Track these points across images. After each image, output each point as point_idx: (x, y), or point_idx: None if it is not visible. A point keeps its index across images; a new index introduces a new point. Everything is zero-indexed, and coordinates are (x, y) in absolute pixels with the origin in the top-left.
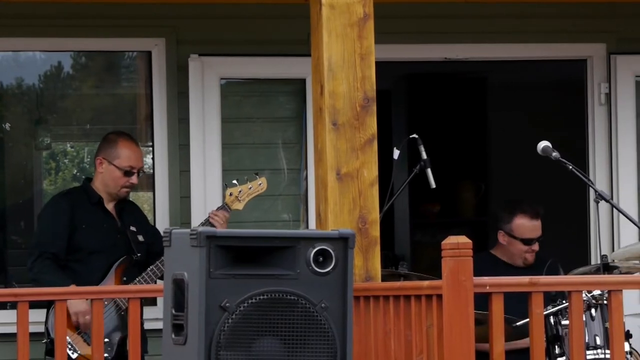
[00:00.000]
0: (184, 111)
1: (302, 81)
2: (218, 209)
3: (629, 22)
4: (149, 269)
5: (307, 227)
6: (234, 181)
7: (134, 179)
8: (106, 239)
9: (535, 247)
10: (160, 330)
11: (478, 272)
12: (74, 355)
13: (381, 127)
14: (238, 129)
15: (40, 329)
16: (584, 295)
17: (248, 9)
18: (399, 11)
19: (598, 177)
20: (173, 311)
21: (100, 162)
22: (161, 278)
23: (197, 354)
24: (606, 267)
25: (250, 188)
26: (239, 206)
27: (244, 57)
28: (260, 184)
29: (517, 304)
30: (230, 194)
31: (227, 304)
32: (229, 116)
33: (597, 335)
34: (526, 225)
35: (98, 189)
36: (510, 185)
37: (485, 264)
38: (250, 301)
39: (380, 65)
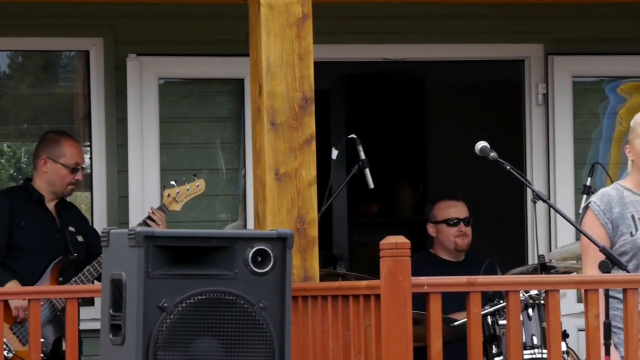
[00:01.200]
0: (122, 111)
1: (241, 81)
2: (157, 209)
3: (566, 22)
4: (85, 269)
5: (245, 226)
6: (172, 182)
7: (79, 176)
8: (45, 238)
9: (463, 227)
10: (97, 331)
11: (418, 271)
12: (9, 355)
13: (319, 127)
14: (176, 129)
15: None
16: (521, 295)
17: (186, 9)
18: (337, 11)
19: (535, 177)
20: (111, 311)
21: (44, 161)
22: (98, 279)
23: (134, 354)
24: (543, 267)
25: (188, 189)
26: (177, 207)
27: (182, 57)
28: (198, 185)
29: (455, 303)
30: (168, 195)
31: (165, 304)
32: (167, 116)
33: (534, 335)
34: (447, 207)
35: (40, 188)
36: (448, 185)
37: (425, 262)
38: (188, 301)
39: (319, 66)
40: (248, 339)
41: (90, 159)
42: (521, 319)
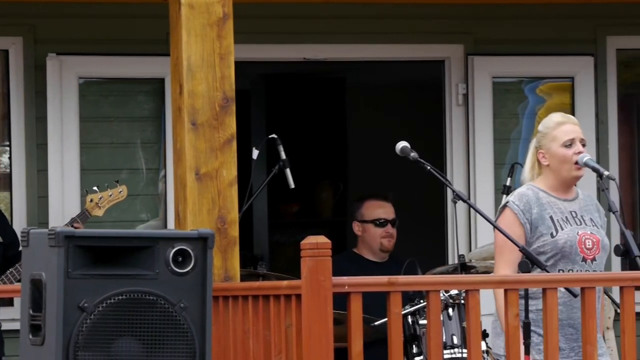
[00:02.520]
0: (41, 110)
1: (161, 81)
2: (78, 214)
3: (486, 23)
4: (8, 271)
5: (165, 226)
6: (95, 188)
7: None
8: None
9: (390, 229)
10: (17, 331)
11: (341, 271)
12: None
13: (240, 127)
14: (96, 129)
15: None
16: (441, 294)
17: (107, 8)
18: (258, 11)
19: (456, 177)
20: (31, 311)
21: None
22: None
23: (54, 355)
24: (463, 267)
25: (111, 195)
26: (99, 212)
27: (102, 57)
28: (120, 191)
29: (377, 303)
30: (91, 200)
31: (86, 304)
32: (87, 115)
33: (454, 334)
34: (375, 206)
35: None
36: (369, 185)
37: (348, 262)
38: (108, 301)
39: (240, 65)
40: (169, 339)
41: (10, 158)
42: (441, 318)
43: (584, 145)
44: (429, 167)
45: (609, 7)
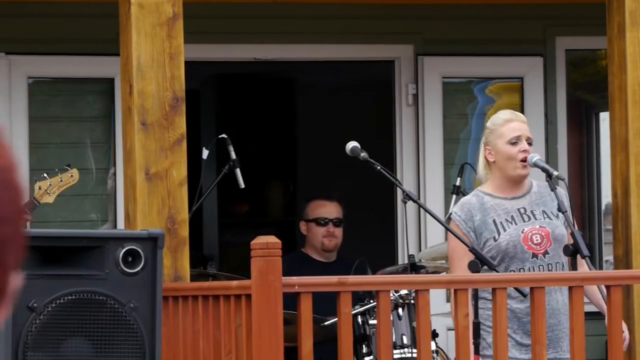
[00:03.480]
0: None
1: (111, 80)
2: (26, 203)
3: (436, 23)
4: None
5: (115, 226)
6: (44, 174)
7: None
8: None
9: (331, 228)
10: None
11: (289, 271)
12: None
13: (190, 127)
14: (46, 128)
15: None
16: (391, 294)
17: (56, 8)
18: (208, 11)
19: (406, 177)
20: None
21: None
22: None
23: (4, 355)
24: (413, 267)
25: (61, 180)
26: (49, 200)
27: (52, 56)
28: (71, 175)
29: (326, 303)
30: (40, 188)
31: (35, 305)
32: (36, 115)
33: (404, 334)
34: (319, 206)
35: None
36: (319, 185)
37: (297, 263)
38: (58, 301)
39: (190, 65)
40: (118, 339)
41: None
42: (391, 318)
43: (530, 144)
44: (378, 167)
45: (558, 8)
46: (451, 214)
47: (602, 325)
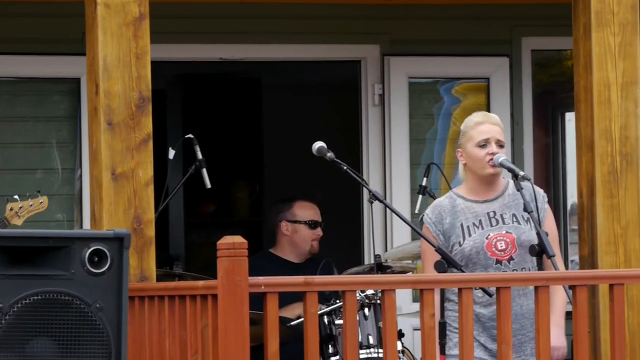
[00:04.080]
0: None
1: (77, 80)
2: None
3: (403, 24)
4: None
5: (81, 227)
6: (15, 196)
7: None
8: None
9: (319, 232)
10: None
11: (258, 271)
12: None
13: (156, 127)
14: (11, 128)
15: None
16: (357, 294)
17: (22, 7)
18: (174, 11)
19: (372, 177)
20: None
21: None
22: None
23: None
24: (379, 267)
25: (31, 205)
26: (18, 222)
27: (17, 56)
28: (41, 202)
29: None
30: (11, 209)
31: (1, 305)
32: (2, 115)
33: (370, 334)
34: (308, 207)
35: None
36: (285, 185)
37: (266, 263)
38: (24, 302)
39: (156, 65)
40: (84, 339)
41: None
42: (357, 318)
43: (501, 146)
44: (345, 167)
45: (524, 8)
46: (423, 215)
47: (567, 325)
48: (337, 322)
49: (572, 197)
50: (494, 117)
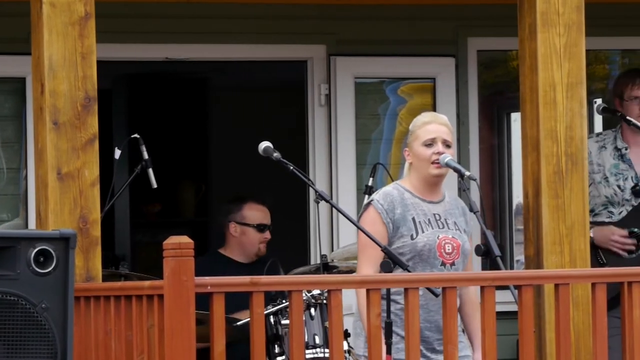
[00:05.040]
0: None
1: (22, 80)
2: None
3: (349, 24)
4: None
5: (26, 226)
6: None
7: None
8: None
9: (268, 235)
10: None
11: (206, 272)
12: None
13: (102, 126)
14: None
15: None
16: (304, 294)
17: None
18: (120, 10)
19: (318, 177)
20: None
21: None
22: None
23: None
24: (326, 267)
25: None
26: None
27: None
28: None
29: (240, 302)
30: None
31: None
32: None
33: (316, 334)
34: (257, 210)
35: None
36: (232, 185)
37: (214, 263)
38: None
39: (102, 65)
40: (30, 339)
41: None
42: (303, 318)
43: (448, 147)
44: (291, 167)
45: (470, 9)
46: (372, 200)
47: (513, 325)
48: (284, 322)
49: (517, 197)
50: (442, 118)
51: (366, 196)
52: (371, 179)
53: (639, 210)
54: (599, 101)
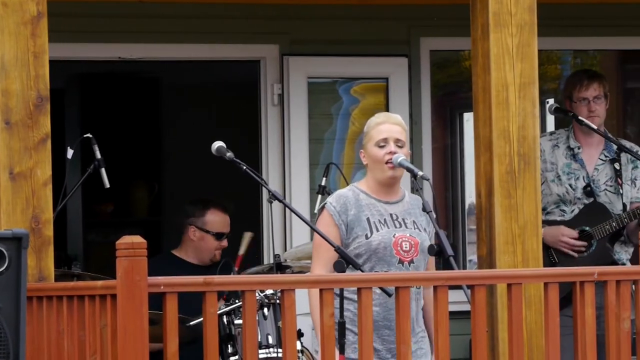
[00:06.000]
0: None
1: None
2: None
3: (302, 24)
4: None
5: None
6: None
7: None
8: None
9: (225, 243)
10: None
11: (159, 272)
12: None
13: (54, 126)
14: None
15: None
16: (257, 294)
17: None
18: (73, 10)
19: (271, 177)
20: None
21: None
22: None
23: None
24: (279, 267)
25: None
26: None
27: None
28: None
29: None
30: None
31: None
32: None
33: (269, 334)
34: (218, 220)
35: None
36: (185, 185)
37: (167, 264)
38: None
39: (54, 64)
40: None
41: None
42: (257, 318)
43: (401, 147)
44: (244, 167)
45: (423, 9)
46: (325, 203)
47: (466, 325)
48: (237, 322)
49: (470, 197)
50: (395, 117)
51: (319, 196)
52: (324, 178)
53: (590, 209)
54: (551, 101)
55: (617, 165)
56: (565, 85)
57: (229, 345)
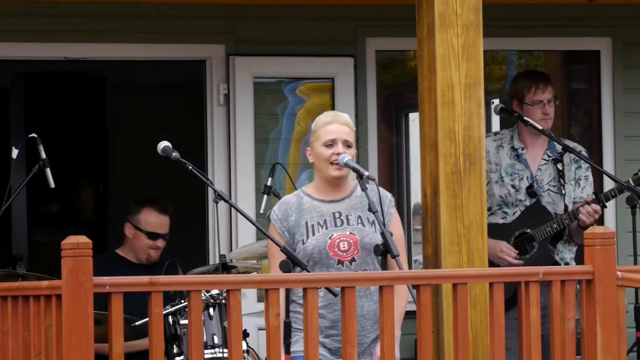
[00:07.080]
0: None
1: None
2: None
3: (248, 23)
4: None
5: None
6: None
7: None
8: None
9: (160, 243)
10: None
11: (104, 272)
12: None
13: None
14: None
15: None
16: (202, 294)
17: None
18: (17, 9)
19: (217, 177)
20: None
21: None
22: None
23: None
24: (224, 267)
25: None
26: None
27: None
28: None
29: (139, 303)
30: None
31: None
32: None
33: (215, 334)
34: (153, 219)
35: None
36: (130, 185)
37: (111, 264)
38: None
39: None
40: None
41: None
42: (202, 318)
43: (349, 147)
44: (190, 167)
45: (369, 9)
46: (269, 212)
47: (411, 325)
48: (182, 322)
49: (415, 197)
50: (344, 117)
51: (265, 196)
52: (270, 178)
53: (531, 211)
54: (496, 101)
55: (559, 166)
56: (514, 86)
57: (175, 346)
